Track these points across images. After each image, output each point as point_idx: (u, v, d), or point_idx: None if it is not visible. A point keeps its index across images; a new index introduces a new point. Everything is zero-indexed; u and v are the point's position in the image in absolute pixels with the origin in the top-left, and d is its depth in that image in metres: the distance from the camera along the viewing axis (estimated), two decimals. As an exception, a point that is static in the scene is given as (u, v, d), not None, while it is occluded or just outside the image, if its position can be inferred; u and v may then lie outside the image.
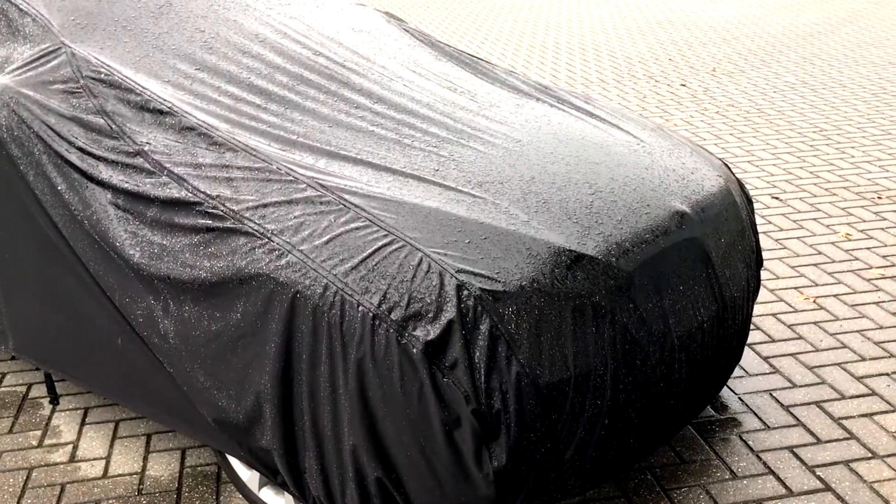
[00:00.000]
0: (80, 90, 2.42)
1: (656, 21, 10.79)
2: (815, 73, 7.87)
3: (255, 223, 2.09)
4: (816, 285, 3.89)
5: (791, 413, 2.97)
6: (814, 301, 3.74)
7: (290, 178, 2.20)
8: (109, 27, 2.65)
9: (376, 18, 3.43)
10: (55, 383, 3.02)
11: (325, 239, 2.04)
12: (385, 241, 2.03)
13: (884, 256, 4.17)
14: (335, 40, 2.99)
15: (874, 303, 3.72)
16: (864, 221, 4.59)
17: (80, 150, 2.34)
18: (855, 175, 5.30)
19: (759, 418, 2.93)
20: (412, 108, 2.66)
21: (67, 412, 3.00)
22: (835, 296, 3.79)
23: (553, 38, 9.73)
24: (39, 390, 3.12)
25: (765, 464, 2.71)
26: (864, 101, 6.94)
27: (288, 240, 2.05)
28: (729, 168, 2.91)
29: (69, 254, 2.40)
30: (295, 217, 2.10)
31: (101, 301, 2.37)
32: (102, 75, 2.45)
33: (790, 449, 2.78)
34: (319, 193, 2.15)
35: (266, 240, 2.06)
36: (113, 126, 2.35)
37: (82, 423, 2.93)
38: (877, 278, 3.95)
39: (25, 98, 2.43)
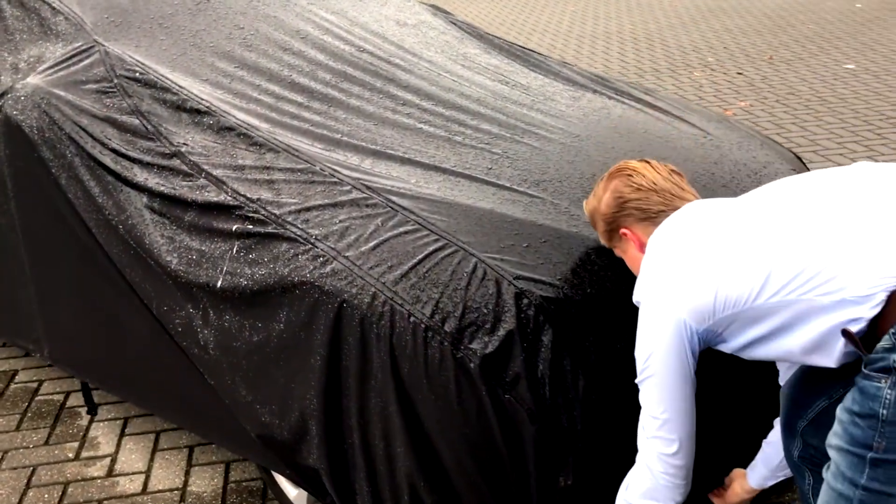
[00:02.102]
0: (114, 90, 2.31)
1: (708, 9, 10.51)
2: (876, 59, 7.57)
3: (298, 228, 1.96)
4: (892, 283, 3.66)
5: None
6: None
7: (335, 179, 2.06)
8: (144, 25, 2.55)
9: (422, 12, 3.30)
10: (92, 392, 2.91)
11: (372, 244, 1.90)
12: (436, 245, 1.88)
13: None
14: (379, 35, 2.87)
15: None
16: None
17: (114, 151, 2.23)
18: (926, 165, 5.03)
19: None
20: (462, 104, 2.53)
21: (106, 422, 2.89)
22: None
23: (603, 28, 9.52)
24: (77, 399, 3.01)
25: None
26: (931, 88, 6.65)
27: (333, 245, 1.91)
28: (801, 160, 2.72)
29: (104, 260, 2.29)
30: (340, 221, 1.96)
31: (138, 309, 2.26)
32: (137, 74, 2.34)
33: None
34: (365, 196, 2.01)
35: (310, 245, 1.92)
36: (148, 126, 2.23)
37: (121, 435, 2.83)
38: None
39: (57, 98, 2.32)
